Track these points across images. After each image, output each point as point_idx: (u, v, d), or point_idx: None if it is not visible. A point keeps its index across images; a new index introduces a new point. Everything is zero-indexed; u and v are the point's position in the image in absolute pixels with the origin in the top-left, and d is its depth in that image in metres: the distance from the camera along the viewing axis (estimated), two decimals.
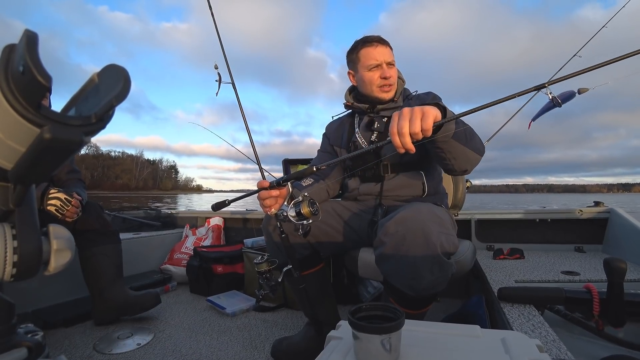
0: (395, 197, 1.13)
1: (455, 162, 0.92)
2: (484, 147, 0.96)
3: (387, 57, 1.12)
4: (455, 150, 0.87)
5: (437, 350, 0.50)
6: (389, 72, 1.12)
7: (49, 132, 0.34)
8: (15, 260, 0.46)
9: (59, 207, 1.23)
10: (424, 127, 0.70)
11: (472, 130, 0.90)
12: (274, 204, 0.96)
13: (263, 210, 0.99)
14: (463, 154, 0.89)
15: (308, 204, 0.89)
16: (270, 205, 0.95)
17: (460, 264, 0.99)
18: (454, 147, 0.86)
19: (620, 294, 0.79)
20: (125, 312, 1.41)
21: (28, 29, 0.34)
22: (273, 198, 0.95)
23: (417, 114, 0.70)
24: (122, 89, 0.37)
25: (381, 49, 1.12)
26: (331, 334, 0.56)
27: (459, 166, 0.93)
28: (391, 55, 1.14)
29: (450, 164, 0.92)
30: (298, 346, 1.10)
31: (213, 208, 0.98)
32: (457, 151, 0.88)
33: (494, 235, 1.80)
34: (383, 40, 1.14)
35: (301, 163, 2.04)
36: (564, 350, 0.65)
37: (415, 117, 0.70)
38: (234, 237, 2.40)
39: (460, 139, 0.85)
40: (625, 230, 1.50)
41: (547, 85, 0.69)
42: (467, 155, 0.90)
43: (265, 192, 0.94)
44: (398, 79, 1.20)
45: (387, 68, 1.12)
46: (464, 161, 0.92)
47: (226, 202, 0.97)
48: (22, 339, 0.54)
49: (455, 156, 0.90)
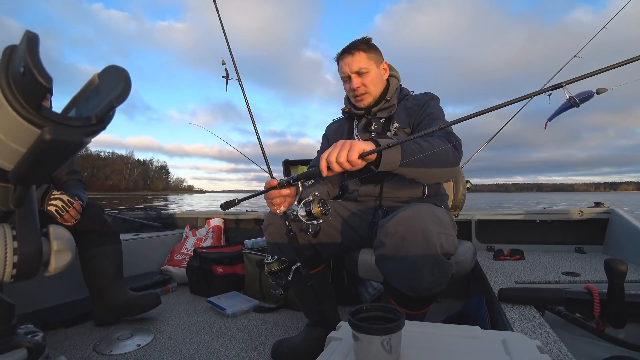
0: (395, 199, 1.13)
1: (424, 180, 0.95)
2: (453, 156, 0.94)
3: (355, 66, 1.11)
4: (415, 173, 0.90)
5: (437, 351, 0.50)
6: (355, 83, 1.12)
7: (50, 133, 0.34)
8: (16, 261, 0.46)
9: (59, 207, 1.23)
10: (349, 158, 0.76)
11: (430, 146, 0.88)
12: (282, 202, 0.95)
13: (271, 209, 0.98)
14: (422, 174, 0.91)
15: (319, 203, 0.89)
16: (280, 204, 0.95)
17: (460, 264, 0.99)
18: (411, 172, 0.89)
19: (620, 294, 0.79)
20: (126, 312, 1.41)
21: (29, 30, 0.34)
22: (282, 197, 0.95)
23: (345, 149, 0.77)
24: (123, 90, 0.37)
25: (348, 60, 1.12)
26: (331, 335, 0.56)
27: (430, 181, 0.97)
28: (362, 62, 1.11)
29: (420, 182, 0.96)
30: (298, 347, 1.10)
31: (222, 207, 0.98)
32: (417, 174, 0.90)
33: (494, 236, 1.80)
34: (350, 49, 1.12)
35: (301, 164, 2.04)
36: (564, 351, 0.65)
37: (343, 149, 0.77)
38: (234, 238, 2.40)
39: (414, 164, 0.86)
40: (625, 231, 1.50)
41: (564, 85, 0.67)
42: (431, 173, 0.91)
43: (275, 191, 0.93)
44: (392, 78, 1.20)
45: (356, 77, 1.12)
46: (431, 178, 0.95)
47: (235, 202, 0.97)
48: (22, 340, 0.54)
49: (419, 176, 0.92)
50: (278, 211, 0.96)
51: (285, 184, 0.91)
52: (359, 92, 1.13)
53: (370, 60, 1.12)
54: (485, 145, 2.19)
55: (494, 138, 2.20)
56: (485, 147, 2.17)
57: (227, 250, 1.96)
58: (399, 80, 1.23)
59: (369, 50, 1.13)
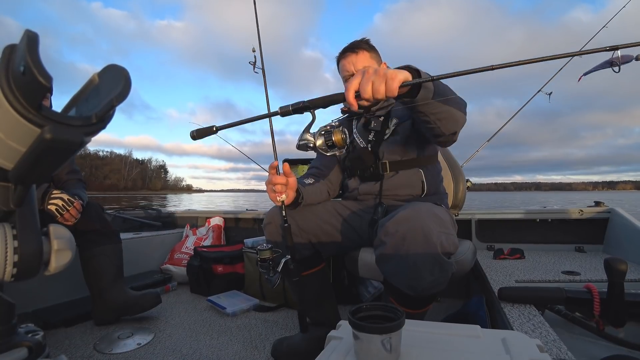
0: (395, 197, 1.13)
1: (442, 124, 0.87)
2: (465, 104, 0.90)
3: (359, 64, 1.11)
4: (438, 110, 0.83)
5: (437, 351, 0.50)
6: None
7: (50, 132, 0.34)
8: (16, 260, 0.46)
9: (60, 206, 1.23)
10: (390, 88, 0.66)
11: (450, 88, 0.85)
12: (284, 191, 0.94)
13: (270, 196, 0.96)
14: (448, 113, 0.85)
15: (341, 131, 0.82)
16: (281, 192, 0.94)
17: (460, 264, 0.99)
18: (436, 107, 0.82)
19: (620, 294, 0.79)
20: (126, 312, 1.41)
21: (29, 30, 0.34)
22: (283, 185, 0.94)
23: (381, 77, 0.66)
24: (123, 89, 0.37)
25: (352, 58, 1.12)
26: (331, 334, 0.56)
27: (446, 128, 0.89)
28: (365, 60, 1.12)
29: (437, 126, 0.88)
30: (298, 346, 1.10)
31: (194, 136, 0.91)
32: (440, 111, 0.84)
33: (494, 235, 1.80)
34: (354, 48, 1.13)
35: (301, 163, 2.05)
36: (564, 350, 0.65)
37: (379, 78, 0.66)
38: (234, 237, 2.40)
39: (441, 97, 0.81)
40: (625, 230, 1.50)
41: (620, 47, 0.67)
42: (452, 114, 0.86)
43: (276, 177, 0.93)
44: None
45: None
46: (450, 122, 0.88)
47: (214, 129, 0.89)
48: (22, 339, 0.54)
49: (440, 117, 0.85)
50: (279, 198, 0.94)
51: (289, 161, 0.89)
52: None
53: (372, 60, 1.14)
54: (485, 144, 2.19)
55: (494, 137, 2.21)
56: (485, 146, 2.18)
57: (227, 250, 1.96)
58: None
59: (371, 50, 1.15)
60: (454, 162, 1.51)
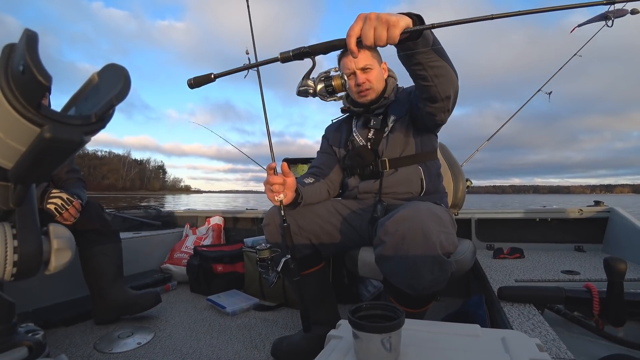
0: (394, 195, 1.14)
1: (439, 81, 0.86)
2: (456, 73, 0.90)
3: (360, 62, 1.13)
4: (437, 65, 0.82)
5: (437, 350, 0.50)
6: (361, 79, 1.14)
7: (49, 131, 0.34)
8: (16, 260, 0.46)
9: (59, 205, 1.23)
10: (391, 35, 0.64)
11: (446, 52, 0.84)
12: (281, 191, 0.96)
13: (268, 196, 0.97)
14: (445, 69, 0.84)
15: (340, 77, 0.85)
16: (279, 192, 0.95)
17: (460, 263, 0.99)
18: (434, 61, 0.80)
19: (620, 293, 0.79)
20: (126, 311, 1.42)
21: (28, 29, 0.34)
22: (281, 185, 0.95)
23: (384, 23, 0.64)
24: (122, 88, 0.37)
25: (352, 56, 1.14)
26: (331, 333, 0.56)
27: (442, 88, 0.88)
28: (367, 59, 1.14)
29: (434, 84, 0.87)
30: (298, 345, 1.10)
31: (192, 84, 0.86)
32: (438, 65, 0.82)
33: (494, 234, 1.80)
34: None
35: (301, 162, 2.05)
36: (563, 349, 0.65)
37: (381, 23, 0.64)
38: (234, 237, 2.40)
39: (439, 52, 0.80)
40: (625, 230, 1.50)
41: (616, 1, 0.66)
42: (448, 71, 0.85)
43: (274, 177, 0.94)
44: (390, 77, 1.23)
45: (361, 74, 1.14)
46: (447, 80, 0.87)
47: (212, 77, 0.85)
48: (22, 338, 0.54)
49: (437, 73, 0.84)
50: (277, 198, 0.96)
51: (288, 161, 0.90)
52: (364, 87, 1.15)
53: (374, 59, 1.16)
54: (485, 144, 2.20)
55: (492, 138, 2.22)
56: (483, 148, 2.19)
57: (227, 249, 1.96)
58: (396, 80, 1.26)
59: (371, 49, 1.16)
60: (454, 161, 1.51)
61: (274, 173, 0.96)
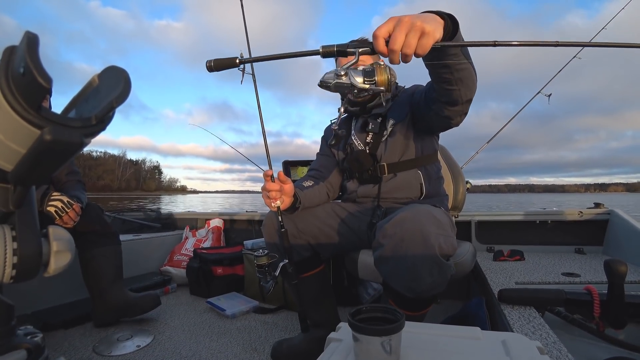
0: (393, 200, 1.13)
1: (462, 85, 0.80)
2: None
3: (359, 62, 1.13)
4: (464, 67, 0.76)
5: (437, 352, 0.50)
6: None
7: (50, 133, 0.34)
8: (15, 262, 0.46)
9: (59, 208, 1.22)
10: (418, 51, 0.60)
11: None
12: (278, 197, 0.96)
13: (265, 202, 0.98)
14: (469, 73, 0.79)
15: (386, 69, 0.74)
16: (275, 198, 0.96)
17: (460, 265, 0.98)
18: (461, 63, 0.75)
19: (620, 295, 0.79)
20: (125, 313, 1.41)
21: (29, 31, 0.34)
22: (278, 192, 0.96)
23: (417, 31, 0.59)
24: (123, 90, 0.37)
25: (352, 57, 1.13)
26: (331, 336, 0.56)
27: (464, 92, 0.83)
28: (366, 59, 1.11)
29: (457, 88, 0.81)
30: (298, 348, 1.10)
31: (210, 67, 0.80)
32: (465, 68, 0.76)
33: (494, 236, 1.80)
34: None
35: (301, 165, 2.05)
36: (564, 352, 0.65)
37: (414, 36, 0.59)
38: (233, 239, 2.40)
39: (465, 52, 0.75)
40: (625, 232, 1.50)
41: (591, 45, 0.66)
42: (472, 75, 0.80)
43: (270, 184, 0.94)
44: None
45: None
46: (470, 84, 0.81)
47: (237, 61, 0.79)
48: (21, 341, 0.53)
49: (462, 76, 0.78)
50: (273, 204, 0.96)
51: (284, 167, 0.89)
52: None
53: (372, 57, 1.14)
54: (485, 146, 2.20)
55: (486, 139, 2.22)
56: (484, 148, 2.19)
57: (226, 251, 1.96)
58: (395, 79, 1.24)
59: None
60: (454, 163, 1.51)
61: (270, 180, 0.96)
